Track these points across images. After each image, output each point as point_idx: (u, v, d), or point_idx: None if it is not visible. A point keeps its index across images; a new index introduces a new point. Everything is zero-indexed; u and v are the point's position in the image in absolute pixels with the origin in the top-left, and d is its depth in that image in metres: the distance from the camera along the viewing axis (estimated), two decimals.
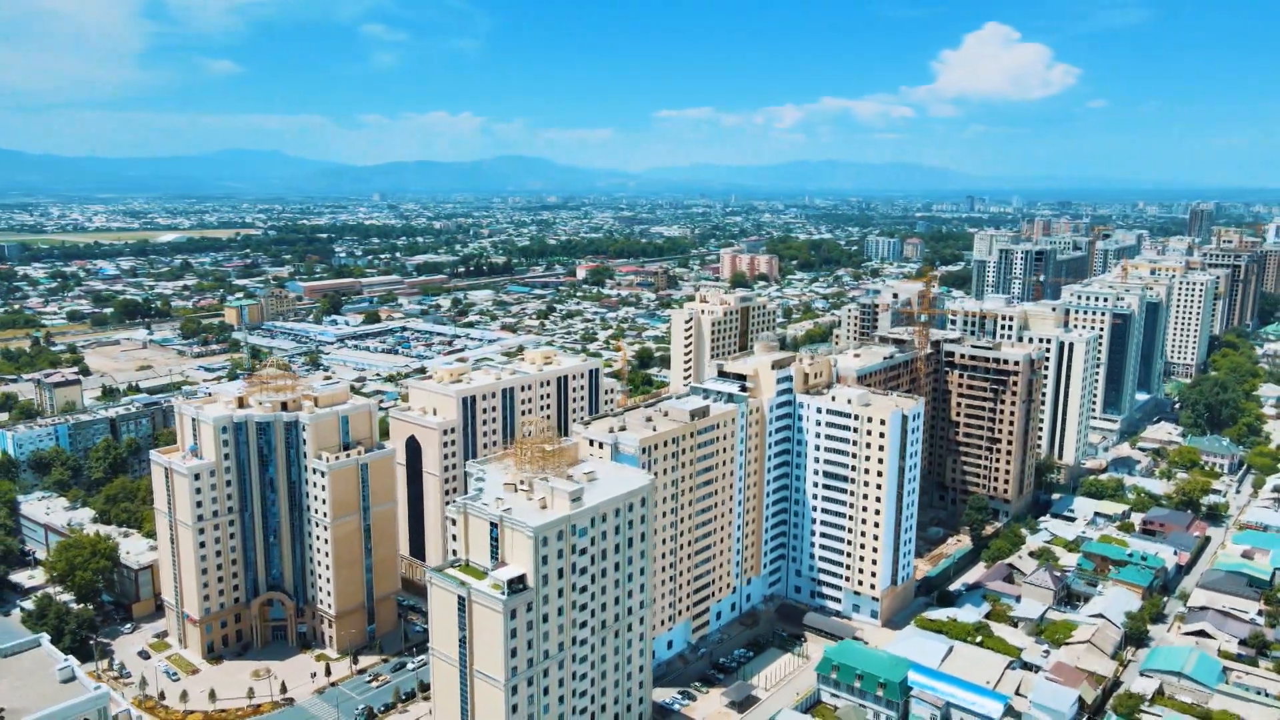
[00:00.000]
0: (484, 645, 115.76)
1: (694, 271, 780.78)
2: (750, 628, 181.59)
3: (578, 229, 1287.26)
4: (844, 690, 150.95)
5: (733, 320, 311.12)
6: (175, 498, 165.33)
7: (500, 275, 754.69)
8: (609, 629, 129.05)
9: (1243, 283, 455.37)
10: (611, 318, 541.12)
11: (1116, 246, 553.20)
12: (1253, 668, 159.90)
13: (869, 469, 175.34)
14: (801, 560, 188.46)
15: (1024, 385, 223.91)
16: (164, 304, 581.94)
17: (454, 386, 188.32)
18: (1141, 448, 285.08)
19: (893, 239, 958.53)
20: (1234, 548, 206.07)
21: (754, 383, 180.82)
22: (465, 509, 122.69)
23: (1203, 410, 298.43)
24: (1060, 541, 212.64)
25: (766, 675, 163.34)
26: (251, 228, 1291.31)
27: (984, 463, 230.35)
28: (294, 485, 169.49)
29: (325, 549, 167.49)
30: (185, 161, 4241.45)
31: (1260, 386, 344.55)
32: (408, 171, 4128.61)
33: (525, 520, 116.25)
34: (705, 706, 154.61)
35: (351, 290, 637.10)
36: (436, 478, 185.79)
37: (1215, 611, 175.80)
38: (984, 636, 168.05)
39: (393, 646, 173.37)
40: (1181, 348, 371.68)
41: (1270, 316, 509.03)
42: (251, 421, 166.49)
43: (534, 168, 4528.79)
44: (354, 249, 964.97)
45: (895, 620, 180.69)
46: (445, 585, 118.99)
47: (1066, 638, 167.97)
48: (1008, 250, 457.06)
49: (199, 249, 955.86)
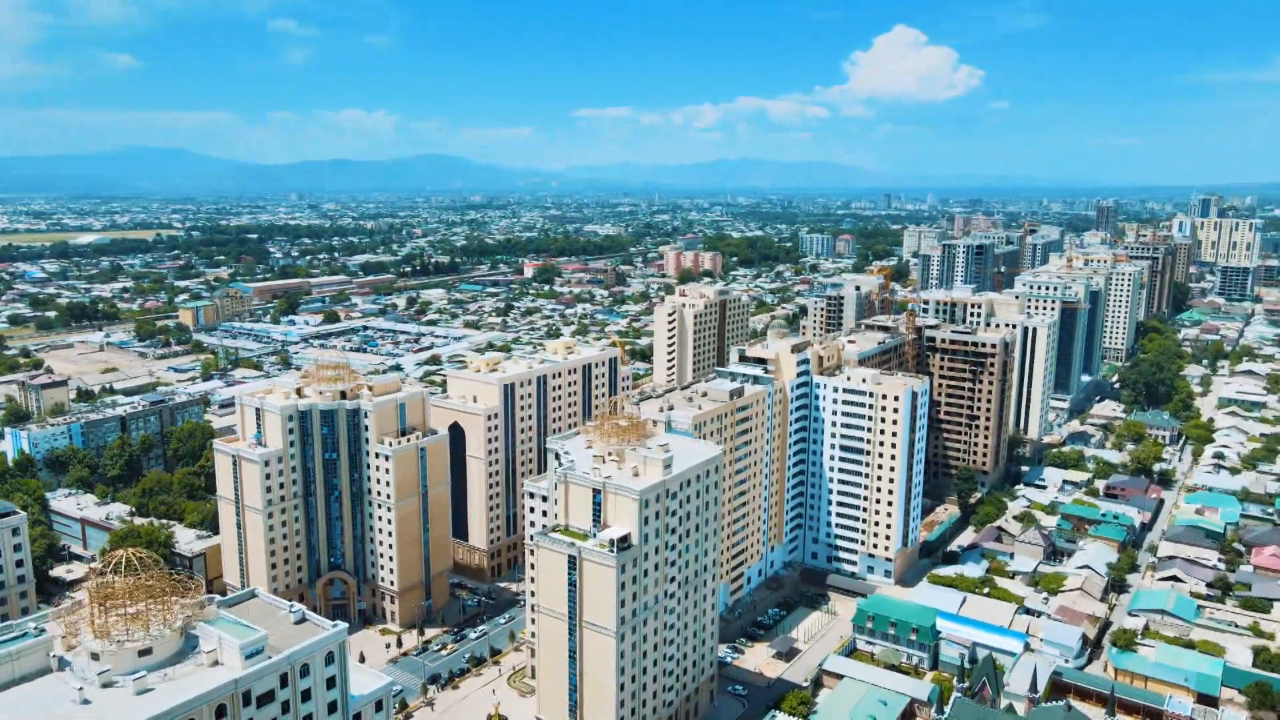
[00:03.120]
0: (594, 599, 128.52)
1: (639, 269, 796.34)
2: (775, 591, 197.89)
3: (511, 228, 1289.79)
4: (879, 637, 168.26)
5: (712, 313, 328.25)
6: (243, 484, 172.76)
7: (446, 274, 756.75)
8: (690, 584, 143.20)
9: (1160, 274, 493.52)
10: (570, 314, 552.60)
11: (1044, 241, 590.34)
12: (1221, 605, 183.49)
13: (883, 441, 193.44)
14: (819, 528, 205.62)
15: (1000, 366, 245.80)
16: (109, 306, 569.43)
17: (494, 375, 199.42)
18: (1091, 423, 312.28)
19: (824, 235, 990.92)
20: (1187, 507, 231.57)
21: (775, 366, 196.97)
22: (566, 478, 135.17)
23: (1142, 389, 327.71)
24: (1038, 506, 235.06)
25: (802, 630, 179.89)
26: (169, 228, 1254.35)
27: (964, 438, 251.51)
28: (355, 470, 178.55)
29: (389, 529, 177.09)
30: (84, 160, 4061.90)
31: (1186, 367, 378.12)
32: (323, 170, 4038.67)
33: (630, 485, 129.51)
34: (754, 658, 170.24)
35: (301, 290, 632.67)
36: (481, 461, 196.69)
37: (1183, 560, 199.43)
38: (990, 588, 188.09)
39: (449, 620, 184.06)
40: (1114, 333, 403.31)
41: (1182, 305, 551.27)
42: (316, 410, 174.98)
43: (454, 167, 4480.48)
44: (288, 250, 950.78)
45: (906, 579, 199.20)
46: (554, 547, 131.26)
47: (1060, 587, 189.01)
48: (950, 245, 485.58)
49: (123, 251, 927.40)
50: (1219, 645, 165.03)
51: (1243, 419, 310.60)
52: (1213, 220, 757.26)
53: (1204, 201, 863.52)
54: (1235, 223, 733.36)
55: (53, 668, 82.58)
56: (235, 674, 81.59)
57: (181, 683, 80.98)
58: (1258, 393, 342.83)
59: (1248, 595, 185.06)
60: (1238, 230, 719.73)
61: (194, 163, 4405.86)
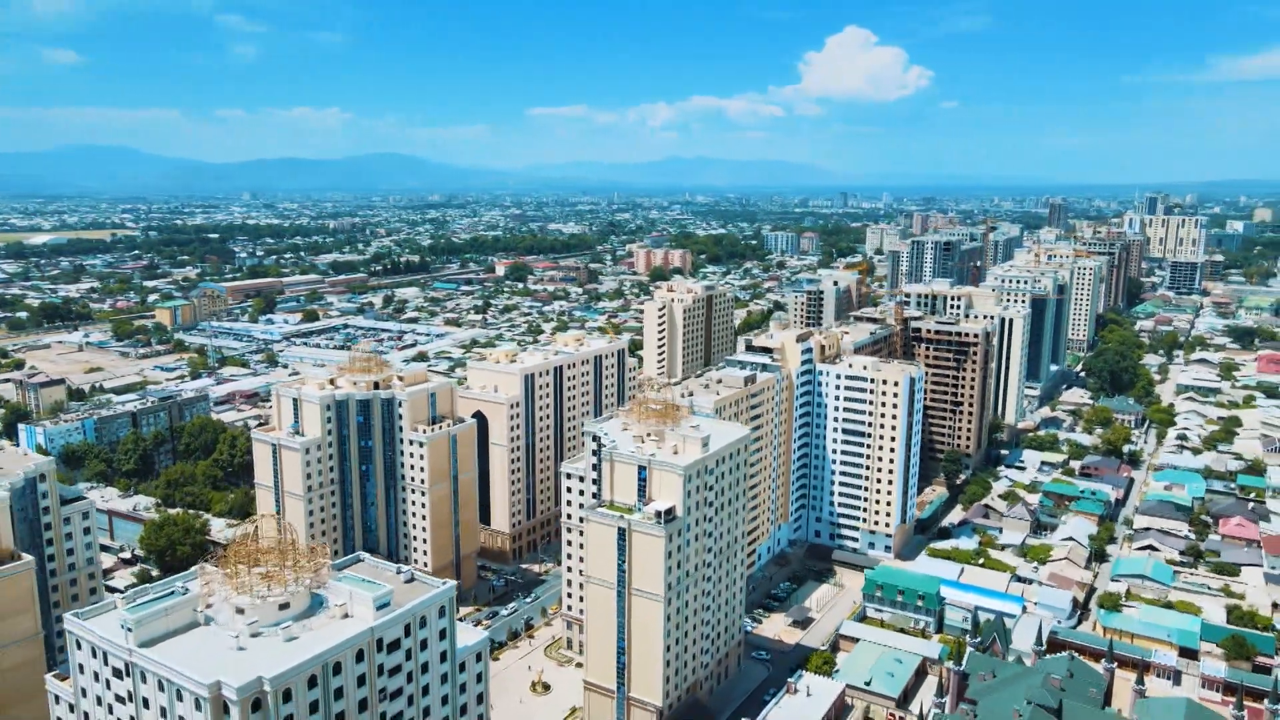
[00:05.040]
0: (643, 567, 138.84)
1: (609, 267, 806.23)
2: (784, 567, 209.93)
3: (474, 227, 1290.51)
4: (887, 605, 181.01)
5: (699, 308, 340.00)
6: (284, 472, 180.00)
7: (417, 273, 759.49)
8: (724, 554, 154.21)
9: (1116, 269, 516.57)
10: (548, 310, 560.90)
11: (1005, 238, 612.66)
12: (1194, 570, 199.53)
13: (884, 424, 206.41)
14: (822, 507, 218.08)
15: (982, 355, 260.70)
16: (82, 307, 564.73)
17: (515, 366, 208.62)
18: (1061, 409, 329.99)
19: (788, 233, 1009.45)
20: (1156, 484, 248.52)
21: (781, 355, 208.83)
22: (612, 456, 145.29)
23: (1106, 376, 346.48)
24: (1020, 485, 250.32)
25: (814, 600, 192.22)
26: (123, 228, 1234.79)
27: (948, 423, 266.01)
28: (389, 456, 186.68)
29: (423, 512, 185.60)
30: (25, 158, 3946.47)
31: (1145, 357, 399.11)
32: (274, 169, 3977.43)
33: (674, 462, 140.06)
34: (772, 626, 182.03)
35: (274, 290, 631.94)
36: (504, 448, 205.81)
37: (1156, 531, 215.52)
38: (984, 559, 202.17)
39: (479, 599, 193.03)
40: (1077, 325, 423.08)
41: (1136, 298, 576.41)
42: (352, 400, 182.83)
43: (408, 166, 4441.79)
44: (252, 249, 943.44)
45: (904, 553, 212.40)
46: (604, 520, 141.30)
47: (1047, 557, 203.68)
48: (919, 241, 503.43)
49: (82, 251, 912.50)
50: (1195, 605, 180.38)
51: (1200, 404, 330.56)
52: (1160, 218, 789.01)
53: (1151, 200, 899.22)
54: (1181, 220, 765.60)
55: (199, 622, 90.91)
56: (370, 623, 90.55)
57: (320, 632, 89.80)
58: (1212, 379, 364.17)
59: (1218, 561, 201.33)
60: (1184, 227, 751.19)
61: (140, 161, 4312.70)
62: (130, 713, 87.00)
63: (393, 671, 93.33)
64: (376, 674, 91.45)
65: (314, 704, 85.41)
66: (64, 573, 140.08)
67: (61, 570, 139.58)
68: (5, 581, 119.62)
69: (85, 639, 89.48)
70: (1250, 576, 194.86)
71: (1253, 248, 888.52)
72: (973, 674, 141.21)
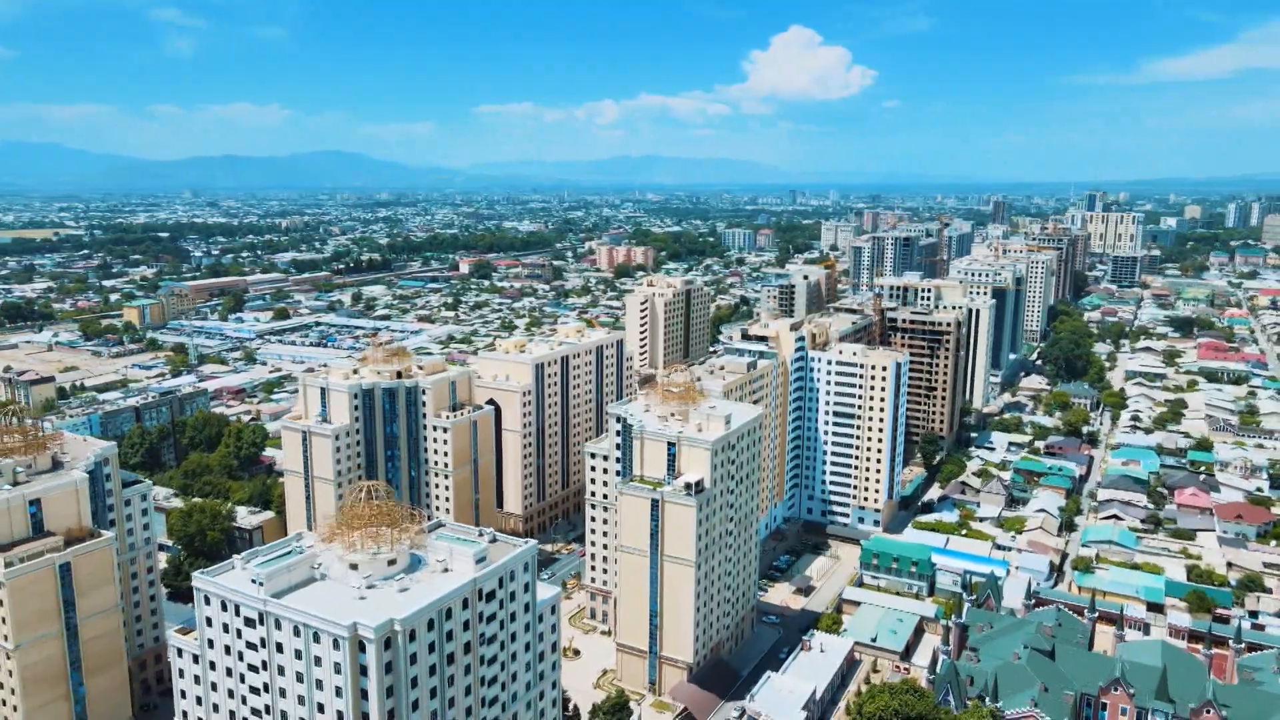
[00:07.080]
0: (675, 535, 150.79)
1: (571, 264, 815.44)
2: (780, 542, 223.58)
3: (428, 225, 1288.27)
4: (883, 572, 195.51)
5: (679, 302, 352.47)
6: (313, 458, 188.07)
7: (380, 271, 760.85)
8: (743, 524, 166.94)
9: (1064, 263, 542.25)
10: (518, 307, 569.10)
11: (958, 234, 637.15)
12: (1155, 536, 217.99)
13: (873, 407, 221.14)
14: (814, 485, 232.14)
15: (954, 343, 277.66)
16: (44, 306, 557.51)
17: (525, 356, 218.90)
18: (1022, 395, 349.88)
19: (744, 230, 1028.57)
20: (1114, 461, 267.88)
21: (776, 343, 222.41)
22: (642, 434, 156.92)
23: (1062, 364, 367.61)
24: (991, 464, 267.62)
25: (814, 570, 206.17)
26: (63, 226, 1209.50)
27: (924, 407, 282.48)
28: (413, 442, 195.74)
29: (447, 494, 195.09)
30: None
31: (1095, 345, 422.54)
32: (213, 166, 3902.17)
33: (702, 438, 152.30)
34: (777, 595, 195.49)
35: (239, 288, 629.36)
36: (517, 434, 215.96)
37: (1119, 502, 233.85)
38: (966, 530, 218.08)
39: None
40: (1031, 316, 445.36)
41: (1081, 291, 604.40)
42: (378, 388, 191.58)
43: (354, 163, 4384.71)
44: (207, 249, 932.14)
45: (891, 527, 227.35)
46: (638, 493, 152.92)
47: (1023, 527, 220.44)
48: (879, 238, 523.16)
49: (28, 251, 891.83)
50: (1159, 566, 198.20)
51: (1148, 388, 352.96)
52: (1100, 214, 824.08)
53: (1090, 197, 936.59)
54: (1120, 216, 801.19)
55: (316, 578, 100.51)
56: (472, 575, 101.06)
57: (426, 584, 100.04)
58: (1158, 366, 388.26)
59: (1176, 527, 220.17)
60: (1123, 224, 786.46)
61: (70, 158, 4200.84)
62: (262, 658, 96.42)
63: (489, 619, 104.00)
64: (477, 620, 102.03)
65: (431, 645, 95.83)
66: (125, 551, 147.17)
67: (123, 550, 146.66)
68: (90, 556, 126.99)
69: (215, 594, 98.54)
70: (1205, 540, 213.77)
71: (1185, 243, 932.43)
72: (971, 626, 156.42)
